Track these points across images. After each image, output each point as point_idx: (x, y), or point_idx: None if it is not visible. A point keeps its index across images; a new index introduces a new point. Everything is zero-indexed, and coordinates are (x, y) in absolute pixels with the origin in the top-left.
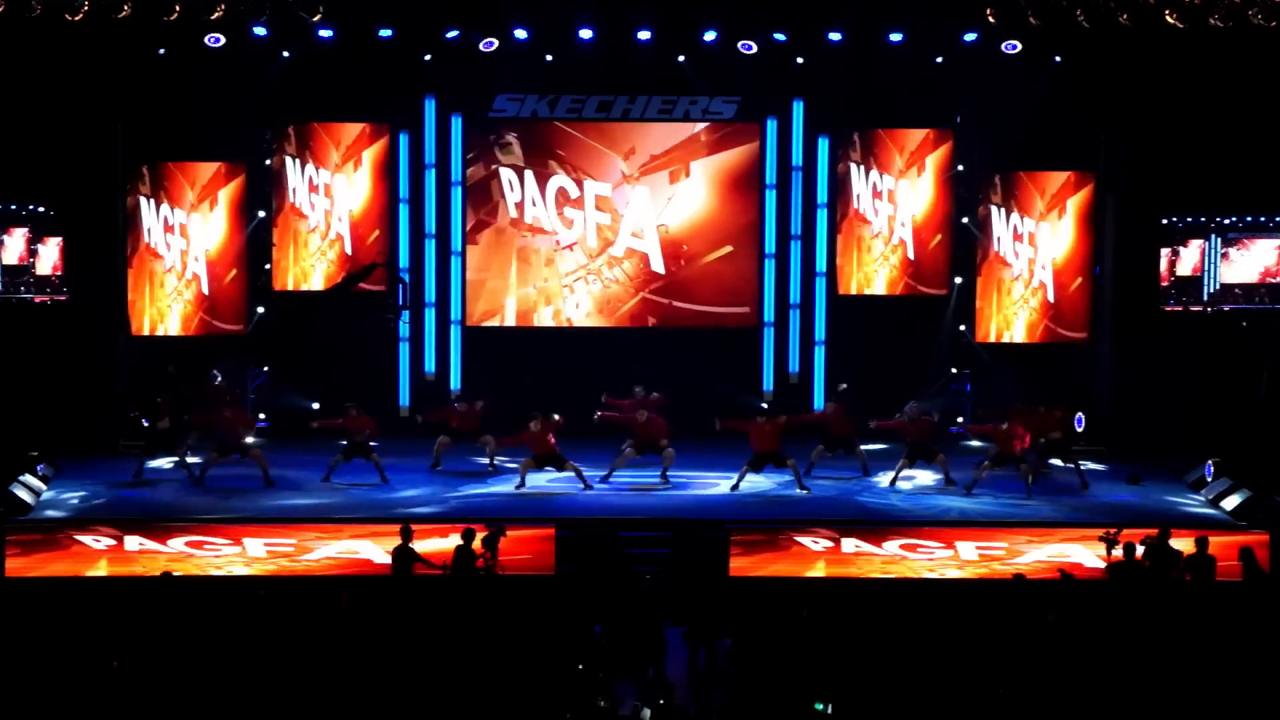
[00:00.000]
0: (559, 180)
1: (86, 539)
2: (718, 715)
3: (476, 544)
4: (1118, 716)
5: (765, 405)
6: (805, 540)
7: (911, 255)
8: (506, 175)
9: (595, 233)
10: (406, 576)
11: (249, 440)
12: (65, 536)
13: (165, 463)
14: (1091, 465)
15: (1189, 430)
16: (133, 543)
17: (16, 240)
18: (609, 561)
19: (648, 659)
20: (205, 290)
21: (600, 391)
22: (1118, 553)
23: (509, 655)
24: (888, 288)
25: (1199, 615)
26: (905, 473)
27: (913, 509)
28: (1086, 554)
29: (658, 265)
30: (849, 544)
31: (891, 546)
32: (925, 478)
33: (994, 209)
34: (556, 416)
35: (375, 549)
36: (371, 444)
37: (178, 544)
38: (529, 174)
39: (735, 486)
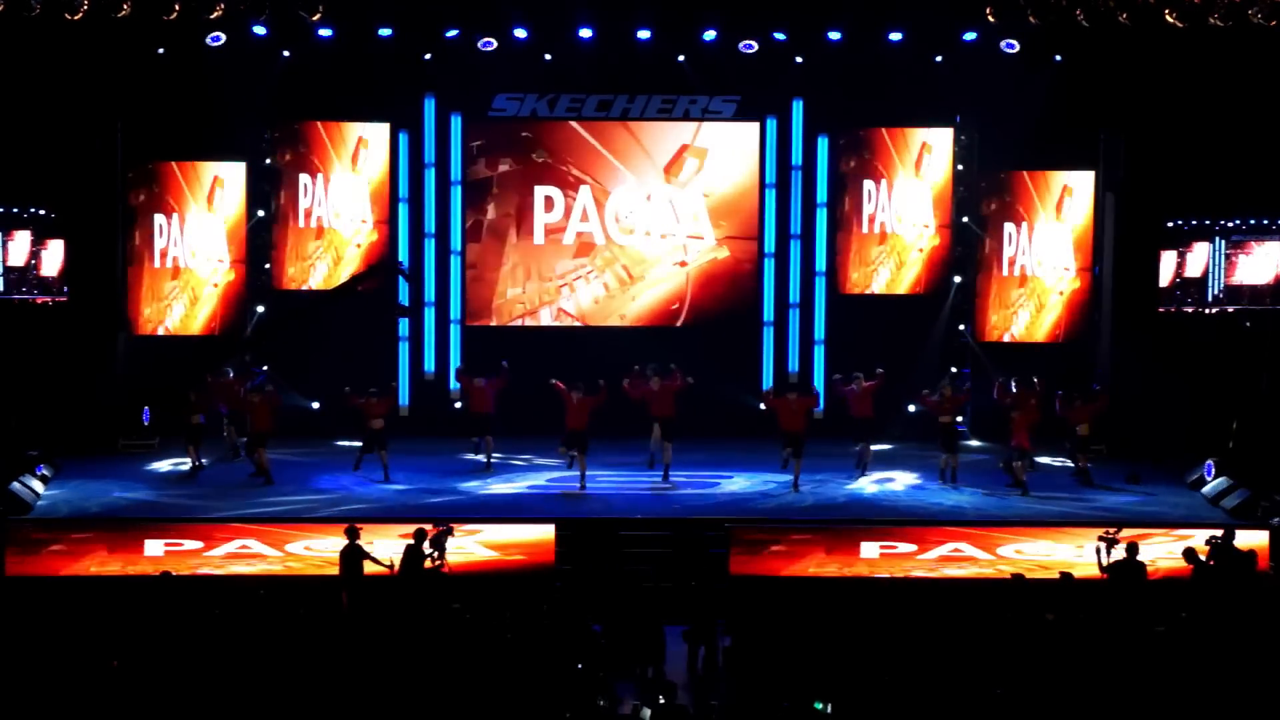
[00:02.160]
0: (557, 179)
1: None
2: (717, 715)
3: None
4: (1117, 716)
5: (793, 384)
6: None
7: (911, 255)
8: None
9: (595, 231)
10: (356, 577)
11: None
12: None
13: (163, 464)
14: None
15: (1190, 430)
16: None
17: (20, 243)
18: (609, 561)
19: (647, 659)
20: (205, 290)
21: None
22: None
23: (508, 655)
24: (887, 287)
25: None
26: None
27: (916, 508)
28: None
29: (658, 261)
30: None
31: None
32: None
33: (993, 208)
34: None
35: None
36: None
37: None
38: (529, 173)
39: (785, 464)
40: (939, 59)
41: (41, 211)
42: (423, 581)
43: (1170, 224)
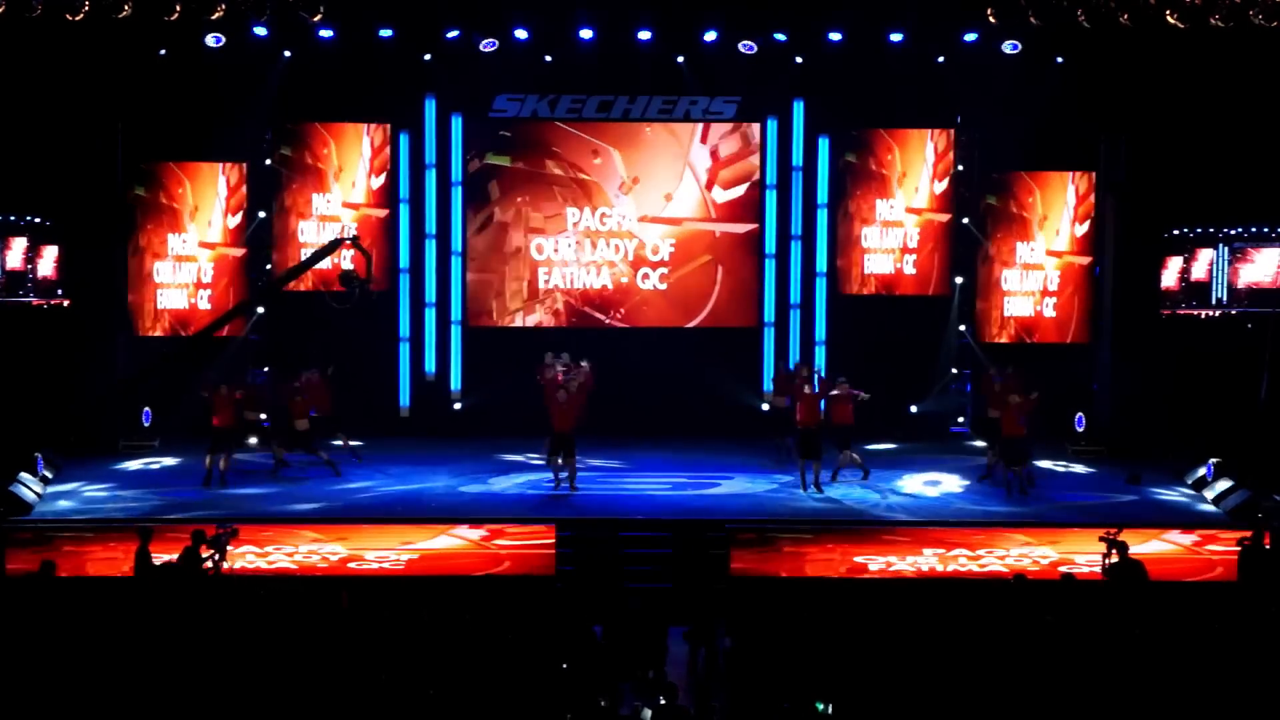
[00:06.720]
0: (559, 180)
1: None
2: (718, 715)
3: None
4: (1117, 717)
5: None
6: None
7: (911, 256)
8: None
9: (595, 232)
10: (147, 578)
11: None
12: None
13: (166, 462)
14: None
15: (1190, 431)
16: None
17: (16, 249)
18: (609, 562)
19: (648, 660)
20: (205, 290)
21: (600, 392)
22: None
23: (509, 656)
24: (888, 288)
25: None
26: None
27: (918, 510)
28: None
29: (658, 261)
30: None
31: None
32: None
33: (994, 209)
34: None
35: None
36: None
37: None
38: (530, 175)
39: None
40: (940, 60)
41: (37, 220)
42: (201, 583)
43: (1174, 231)
